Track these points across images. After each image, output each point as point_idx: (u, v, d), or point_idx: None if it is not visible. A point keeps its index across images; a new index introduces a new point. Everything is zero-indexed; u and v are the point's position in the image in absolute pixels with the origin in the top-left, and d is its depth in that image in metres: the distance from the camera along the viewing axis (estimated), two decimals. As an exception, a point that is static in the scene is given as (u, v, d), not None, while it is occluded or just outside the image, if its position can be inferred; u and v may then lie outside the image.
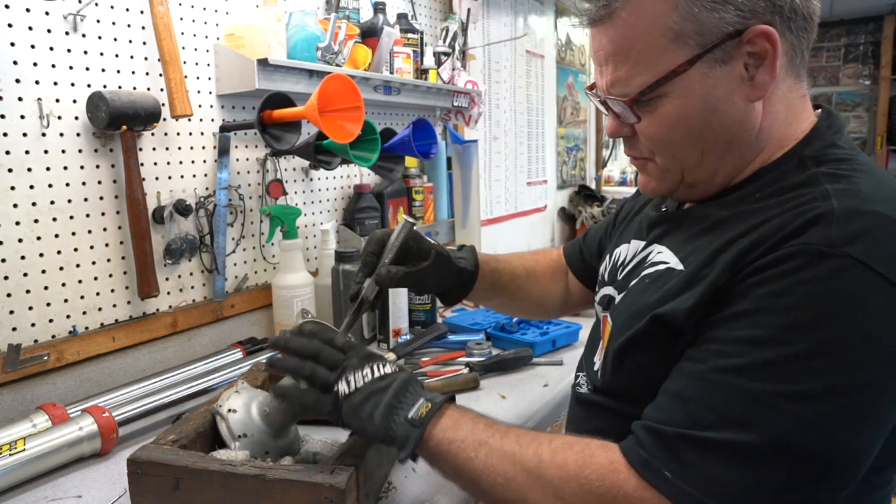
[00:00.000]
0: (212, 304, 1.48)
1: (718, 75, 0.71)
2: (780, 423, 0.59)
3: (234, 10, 1.50)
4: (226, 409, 0.91)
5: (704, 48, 0.69)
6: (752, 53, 0.70)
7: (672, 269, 0.77)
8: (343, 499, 0.75)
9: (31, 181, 1.15)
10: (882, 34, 5.78)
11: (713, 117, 0.73)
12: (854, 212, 0.63)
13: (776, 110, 0.75)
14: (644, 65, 0.72)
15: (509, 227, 3.03)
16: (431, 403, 0.76)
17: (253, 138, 1.58)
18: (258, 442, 0.88)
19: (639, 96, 0.73)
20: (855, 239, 0.61)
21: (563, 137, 3.64)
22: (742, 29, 0.68)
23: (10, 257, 1.13)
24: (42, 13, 1.15)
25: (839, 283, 0.60)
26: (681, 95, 0.72)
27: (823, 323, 0.60)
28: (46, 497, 0.94)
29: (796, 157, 0.74)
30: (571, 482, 0.66)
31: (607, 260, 0.99)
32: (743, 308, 0.64)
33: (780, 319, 0.61)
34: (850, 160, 0.72)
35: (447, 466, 0.76)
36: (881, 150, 5.74)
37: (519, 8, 3.00)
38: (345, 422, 0.79)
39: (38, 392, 1.17)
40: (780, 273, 0.63)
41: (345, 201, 1.90)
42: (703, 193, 0.80)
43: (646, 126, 0.76)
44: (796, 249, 0.62)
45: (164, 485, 0.80)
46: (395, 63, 1.86)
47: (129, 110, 1.21)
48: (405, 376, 0.80)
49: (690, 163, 0.77)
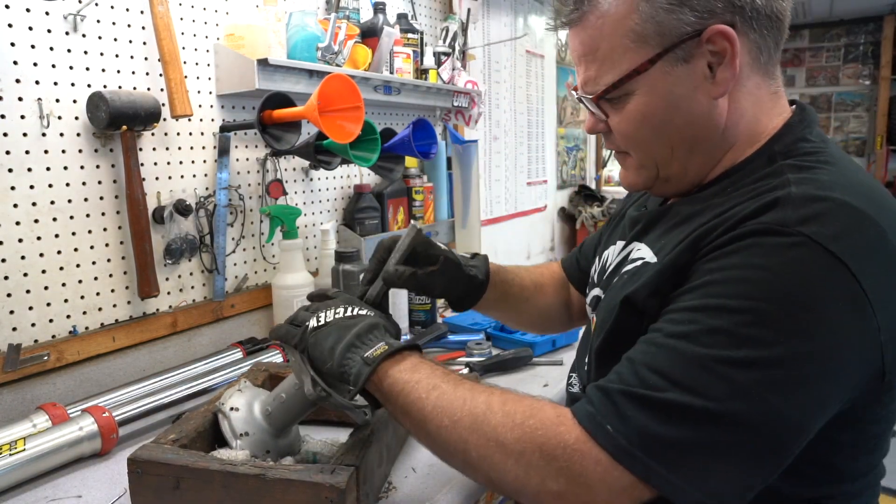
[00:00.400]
0: (212, 304, 1.48)
1: (680, 73, 0.74)
2: (719, 387, 0.61)
3: (234, 10, 1.50)
4: (228, 407, 0.91)
5: (665, 48, 0.73)
6: (713, 52, 0.73)
7: (647, 263, 0.80)
8: (343, 498, 0.75)
9: (31, 181, 1.15)
10: (882, 34, 5.78)
11: (676, 114, 0.76)
12: (811, 197, 0.65)
13: (742, 107, 0.77)
14: (610, 64, 0.76)
15: (509, 227, 3.03)
16: (389, 346, 0.78)
17: (253, 138, 1.58)
18: (259, 441, 0.88)
19: (603, 94, 0.78)
20: (809, 220, 0.63)
21: (563, 137, 3.64)
22: (701, 29, 0.72)
23: (10, 257, 1.13)
24: (42, 13, 1.15)
25: (790, 258, 0.62)
26: (645, 93, 0.76)
27: (771, 295, 0.62)
28: (46, 497, 0.94)
29: (766, 154, 0.76)
30: (515, 430, 0.66)
31: (597, 262, 1.01)
32: (698, 281, 0.67)
33: (729, 289, 0.64)
34: (817, 153, 0.74)
35: (398, 405, 0.76)
36: (881, 150, 5.74)
37: (519, 8, 3.00)
38: (309, 353, 0.81)
39: (38, 392, 1.17)
40: (734, 249, 0.65)
41: (345, 201, 1.90)
42: (678, 189, 0.84)
43: (616, 123, 0.80)
44: (751, 228, 0.65)
45: (165, 484, 0.80)
46: (395, 63, 1.86)
47: (129, 110, 1.21)
48: (374, 320, 0.82)
49: (662, 158, 0.80)
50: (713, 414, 0.60)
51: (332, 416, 1.12)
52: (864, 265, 0.62)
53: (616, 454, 0.62)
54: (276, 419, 0.90)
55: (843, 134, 6.22)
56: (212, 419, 0.93)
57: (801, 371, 0.61)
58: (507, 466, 0.66)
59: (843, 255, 0.62)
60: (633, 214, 0.93)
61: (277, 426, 0.90)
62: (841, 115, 6.21)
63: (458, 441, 0.70)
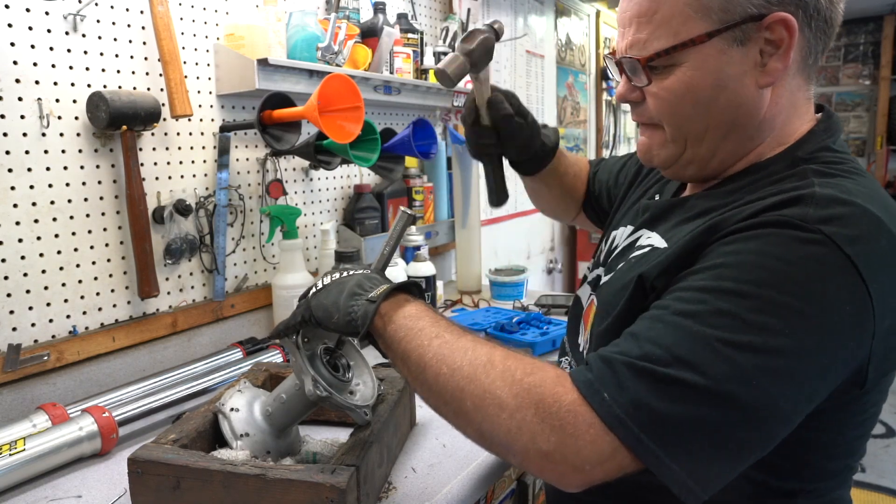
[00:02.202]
0: (212, 304, 1.48)
1: (734, 54, 0.73)
2: (720, 367, 0.61)
3: (234, 10, 1.50)
4: (228, 407, 0.91)
5: (725, 24, 0.72)
6: (769, 41, 0.72)
7: (655, 248, 0.80)
8: (344, 498, 0.75)
9: (31, 181, 1.15)
10: (882, 34, 5.78)
11: (722, 94, 0.75)
12: (834, 199, 0.66)
13: (781, 104, 0.77)
14: (665, 29, 0.74)
15: (509, 227, 3.03)
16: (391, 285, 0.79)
17: (253, 138, 1.58)
18: (260, 441, 0.88)
19: (654, 56, 0.75)
20: (831, 220, 0.64)
21: (563, 137, 3.64)
22: (765, 13, 0.71)
23: (10, 257, 1.13)
24: (42, 13, 1.15)
25: (806, 253, 0.63)
26: (694, 66, 0.74)
27: (782, 285, 0.62)
28: (46, 497, 0.94)
29: (789, 157, 0.76)
30: (514, 385, 0.65)
31: (604, 243, 1.01)
32: (710, 262, 0.67)
33: (742, 274, 0.64)
34: (841, 163, 0.74)
35: (399, 351, 0.74)
36: (881, 150, 5.74)
37: (519, 8, 3.00)
38: (314, 316, 0.81)
39: (38, 392, 1.17)
40: (752, 235, 0.66)
41: (345, 201, 1.90)
42: (697, 174, 0.83)
43: (656, 91, 0.78)
44: (774, 219, 0.65)
45: (165, 484, 0.80)
46: (395, 63, 1.86)
47: (129, 110, 1.21)
48: (372, 273, 0.83)
49: (694, 136, 0.79)
50: (711, 393, 0.60)
51: (333, 416, 1.12)
52: (875, 272, 0.63)
53: (609, 421, 0.61)
54: (277, 420, 0.90)
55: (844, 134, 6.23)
56: (212, 419, 0.93)
57: (800, 364, 0.62)
58: (501, 419, 0.65)
59: (857, 260, 0.62)
60: (645, 203, 0.93)
61: (278, 426, 0.90)
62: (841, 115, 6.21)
63: (454, 389, 0.68)
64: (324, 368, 0.87)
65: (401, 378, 1.07)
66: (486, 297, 2.09)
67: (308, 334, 0.92)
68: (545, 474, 0.65)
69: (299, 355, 0.85)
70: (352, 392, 0.94)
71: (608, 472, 0.62)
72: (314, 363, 0.87)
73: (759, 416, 0.61)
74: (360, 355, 0.99)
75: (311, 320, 0.81)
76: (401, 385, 1.05)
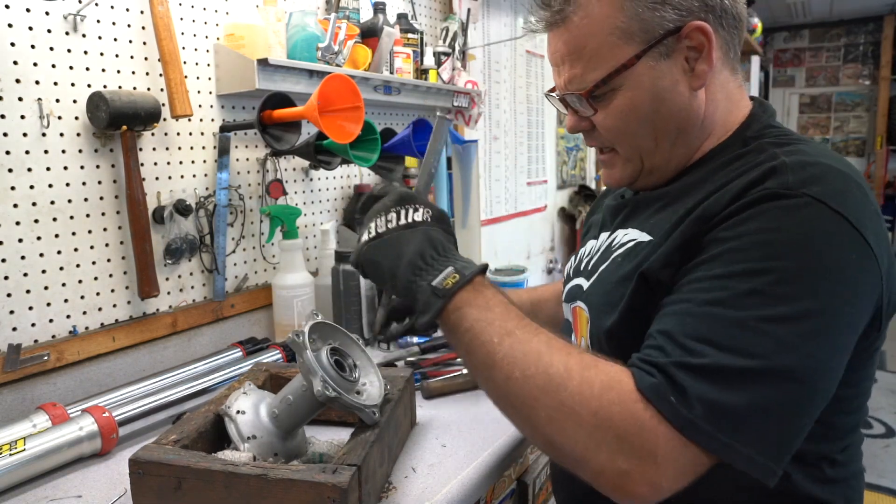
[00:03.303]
0: (212, 304, 1.48)
1: (663, 67, 0.79)
2: (763, 344, 0.63)
3: (234, 10, 1.50)
4: (234, 410, 0.90)
5: (649, 43, 0.78)
6: (690, 47, 0.79)
7: (640, 242, 0.83)
8: (345, 498, 0.75)
9: (31, 181, 1.15)
10: (882, 34, 5.78)
11: (662, 106, 0.81)
12: (804, 163, 0.71)
13: (717, 99, 0.84)
14: (597, 61, 0.80)
15: (509, 227, 3.03)
16: (460, 276, 0.72)
17: (253, 138, 1.58)
18: (267, 443, 0.88)
19: (594, 89, 0.81)
20: (809, 182, 0.68)
21: (563, 137, 3.64)
22: (681, 25, 0.78)
23: (10, 257, 1.13)
24: (42, 13, 1.15)
25: (800, 217, 0.67)
26: (632, 87, 0.80)
27: (792, 253, 0.66)
28: (46, 497, 0.93)
29: (740, 138, 0.82)
30: (593, 401, 0.64)
31: (573, 259, 1.03)
32: (717, 251, 0.70)
33: (751, 254, 0.67)
34: (788, 135, 0.81)
35: (464, 343, 0.72)
36: (881, 150, 5.75)
37: (519, 8, 3.00)
38: (365, 272, 0.77)
39: (38, 392, 1.17)
40: (746, 216, 0.69)
41: (345, 201, 1.90)
42: (661, 179, 0.88)
43: (602, 118, 0.84)
44: (759, 195, 0.69)
45: (166, 485, 0.80)
46: (395, 63, 1.86)
47: (129, 110, 1.21)
48: (432, 232, 0.75)
49: (647, 149, 0.84)
50: (765, 372, 0.62)
51: (333, 415, 1.12)
52: (861, 219, 0.68)
53: (686, 430, 0.62)
54: (284, 421, 0.89)
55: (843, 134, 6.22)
56: (213, 419, 0.93)
57: (833, 320, 0.65)
58: (578, 437, 0.64)
59: (845, 211, 0.67)
60: (612, 204, 0.97)
61: (285, 428, 0.90)
62: (841, 115, 6.21)
63: (526, 397, 0.67)
64: (331, 368, 0.87)
65: (400, 377, 1.07)
66: (486, 297, 2.09)
67: (315, 334, 0.92)
68: (617, 491, 0.64)
69: (307, 355, 0.85)
70: (359, 392, 0.94)
71: (685, 482, 0.64)
72: (321, 363, 0.87)
73: (813, 379, 0.64)
74: (366, 354, 0.99)
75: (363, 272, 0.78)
76: (401, 385, 1.05)
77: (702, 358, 0.64)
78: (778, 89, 6.43)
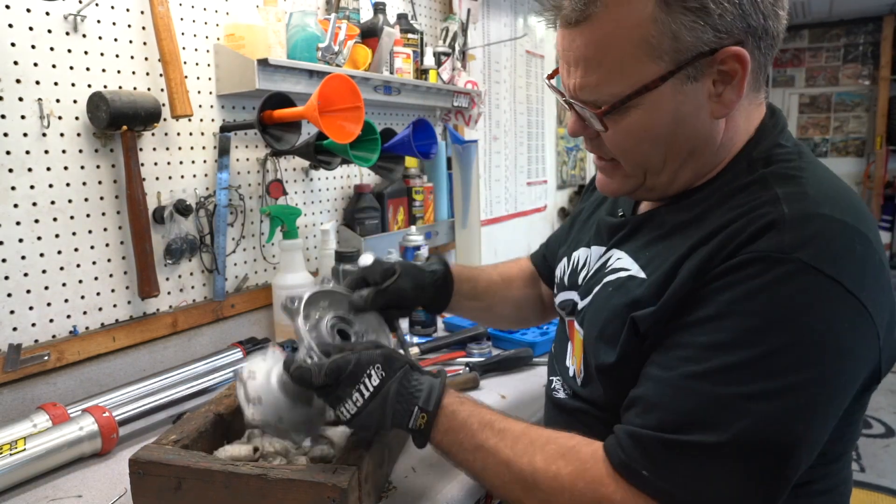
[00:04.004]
0: (212, 304, 1.48)
1: (688, 91, 0.72)
2: (743, 422, 0.63)
3: (234, 10, 1.50)
4: (246, 372, 0.89)
5: (678, 65, 0.70)
6: (721, 72, 0.71)
7: (633, 277, 0.79)
8: (345, 498, 0.75)
9: (31, 181, 1.15)
10: (881, 34, 5.79)
11: (679, 130, 0.74)
12: (803, 216, 0.67)
13: (737, 123, 0.78)
14: (616, 75, 0.72)
15: (509, 227, 3.03)
16: (427, 415, 0.78)
17: (253, 138, 1.58)
18: (272, 407, 0.86)
19: (609, 109, 0.73)
20: (805, 244, 0.65)
21: (562, 137, 3.64)
22: (716, 48, 0.69)
23: (11, 257, 1.13)
24: (42, 13, 1.15)
25: (791, 287, 0.64)
26: (650, 109, 0.73)
27: (778, 326, 0.64)
28: (46, 497, 0.94)
29: (745, 160, 0.77)
30: (565, 493, 0.70)
31: (565, 263, 1.01)
32: (706, 314, 0.68)
33: (739, 324, 0.65)
34: (793, 160, 0.75)
35: (452, 462, 0.80)
36: (881, 150, 5.75)
37: (519, 8, 3.00)
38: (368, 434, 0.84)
39: (39, 392, 1.17)
40: (738, 280, 0.66)
41: (345, 201, 1.90)
42: (660, 195, 0.83)
43: (612, 134, 0.77)
44: (752, 257, 0.66)
45: (167, 485, 0.80)
46: (395, 63, 1.86)
47: (130, 110, 1.21)
48: (394, 387, 0.78)
49: (653, 168, 0.78)
50: (740, 447, 0.63)
51: (333, 416, 1.12)
52: (859, 279, 0.65)
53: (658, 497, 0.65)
54: (290, 388, 0.86)
55: (843, 134, 6.23)
56: (212, 419, 0.93)
57: (817, 394, 0.64)
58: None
59: (840, 276, 0.64)
60: (610, 220, 0.92)
61: (292, 396, 0.87)
62: (841, 115, 6.21)
63: (512, 498, 0.75)
64: (328, 335, 0.84)
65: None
66: (486, 297, 2.09)
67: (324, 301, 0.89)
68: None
69: (298, 322, 0.82)
70: None
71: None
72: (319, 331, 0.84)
73: (790, 450, 0.63)
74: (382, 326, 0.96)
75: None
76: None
77: (680, 434, 0.65)
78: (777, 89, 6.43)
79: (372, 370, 0.78)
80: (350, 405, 0.77)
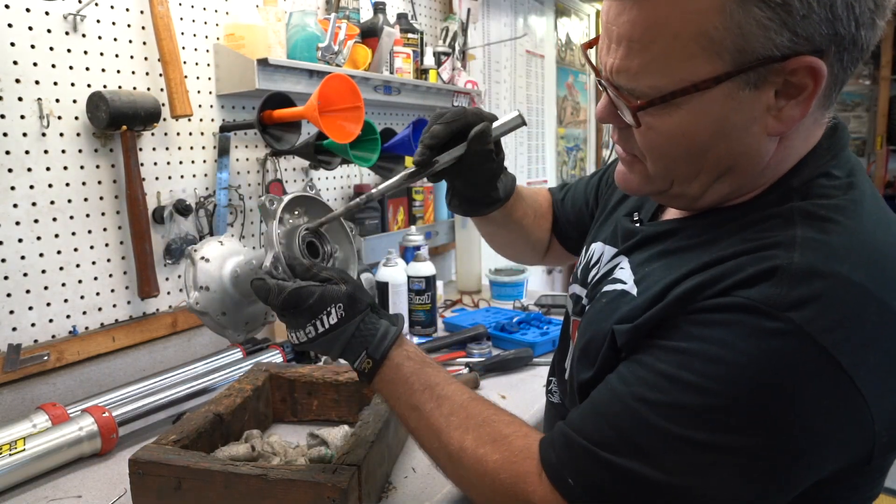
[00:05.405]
0: (212, 304, 1.48)
1: (744, 99, 0.60)
2: (676, 462, 0.60)
3: (234, 10, 1.50)
4: (199, 255, 0.83)
5: (739, 67, 0.58)
6: (788, 83, 0.59)
7: (626, 293, 0.74)
8: (345, 498, 0.75)
9: (31, 181, 1.15)
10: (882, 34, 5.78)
11: (722, 142, 0.63)
12: (812, 272, 0.57)
13: (793, 145, 0.66)
14: (661, 65, 0.61)
15: (509, 227, 3.03)
16: (372, 361, 0.77)
17: (253, 138, 1.58)
18: (218, 300, 0.82)
19: (647, 104, 0.63)
20: (804, 303, 0.56)
21: (563, 137, 3.64)
22: (788, 55, 0.57)
23: (10, 257, 1.13)
24: (42, 13, 1.15)
25: (772, 347, 0.56)
26: (695, 112, 0.62)
27: (742, 383, 0.57)
28: (46, 497, 0.93)
29: (782, 189, 0.66)
30: (486, 478, 0.69)
31: (583, 255, 0.96)
32: (676, 344, 0.62)
33: (706, 368, 0.59)
34: (834, 196, 0.64)
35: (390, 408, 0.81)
36: (881, 150, 5.75)
37: (519, 8, 3.00)
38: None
39: (38, 392, 1.17)
40: (720, 321, 0.59)
41: (345, 201, 1.90)
42: (686, 207, 0.74)
43: (644, 131, 0.66)
44: (741, 303, 0.58)
45: (166, 485, 0.80)
46: (395, 63, 1.86)
47: (129, 110, 1.21)
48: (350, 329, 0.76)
49: (682, 177, 0.68)
50: (663, 486, 0.60)
51: (333, 415, 1.12)
52: (861, 356, 0.56)
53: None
54: (242, 285, 0.82)
55: (844, 135, 6.22)
56: (212, 420, 0.93)
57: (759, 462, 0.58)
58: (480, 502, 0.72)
59: (836, 349, 0.55)
60: (627, 226, 0.85)
61: (242, 292, 0.83)
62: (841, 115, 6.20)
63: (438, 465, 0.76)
64: (298, 249, 0.79)
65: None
66: (486, 297, 2.09)
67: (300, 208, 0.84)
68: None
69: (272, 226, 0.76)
70: None
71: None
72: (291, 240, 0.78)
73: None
74: (353, 249, 0.89)
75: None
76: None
77: (614, 455, 0.62)
78: (778, 89, 6.43)
79: (332, 308, 0.75)
80: (301, 334, 0.76)
